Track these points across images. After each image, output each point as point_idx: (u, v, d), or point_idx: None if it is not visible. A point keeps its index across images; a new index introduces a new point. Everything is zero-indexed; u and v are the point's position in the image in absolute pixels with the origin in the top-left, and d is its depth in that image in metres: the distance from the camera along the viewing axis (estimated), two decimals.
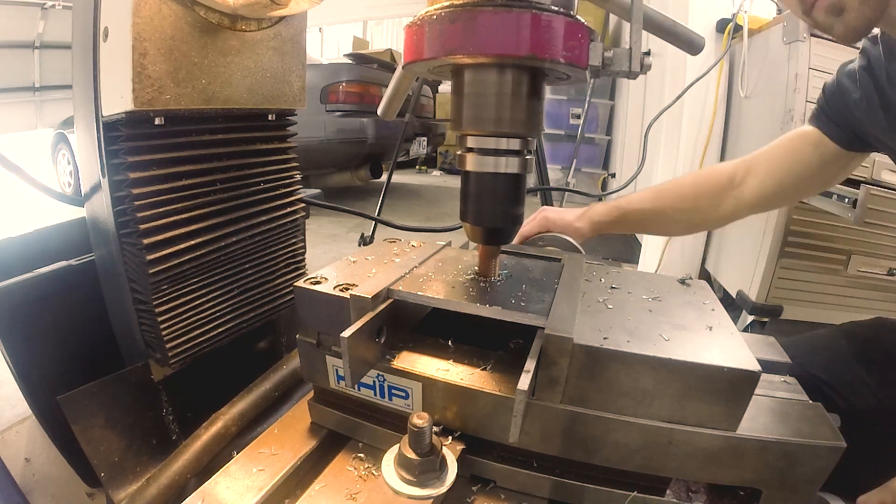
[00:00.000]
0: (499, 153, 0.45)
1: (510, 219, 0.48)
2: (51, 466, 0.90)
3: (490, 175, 0.46)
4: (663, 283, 0.53)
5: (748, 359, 0.38)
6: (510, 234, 0.49)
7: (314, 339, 0.50)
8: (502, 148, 0.45)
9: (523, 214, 0.49)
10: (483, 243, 0.50)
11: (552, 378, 0.40)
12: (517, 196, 0.47)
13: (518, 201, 0.48)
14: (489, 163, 0.45)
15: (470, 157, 0.46)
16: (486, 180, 0.46)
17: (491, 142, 0.45)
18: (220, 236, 0.69)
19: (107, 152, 0.60)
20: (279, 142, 0.77)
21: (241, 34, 0.64)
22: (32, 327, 0.73)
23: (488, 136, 0.45)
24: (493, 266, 0.52)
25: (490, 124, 0.44)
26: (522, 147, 0.46)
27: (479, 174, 0.46)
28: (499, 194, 0.46)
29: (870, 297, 1.69)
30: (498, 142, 0.45)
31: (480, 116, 0.44)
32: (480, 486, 0.47)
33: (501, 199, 0.47)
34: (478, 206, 0.48)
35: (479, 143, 0.45)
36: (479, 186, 0.47)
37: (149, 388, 0.71)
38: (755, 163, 0.88)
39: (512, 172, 0.46)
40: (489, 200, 0.47)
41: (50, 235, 0.85)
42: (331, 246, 3.03)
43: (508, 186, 0.46)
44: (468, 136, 0.46)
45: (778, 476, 0.40)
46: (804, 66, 1.53)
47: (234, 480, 0.46)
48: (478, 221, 0.48)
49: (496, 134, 0.45)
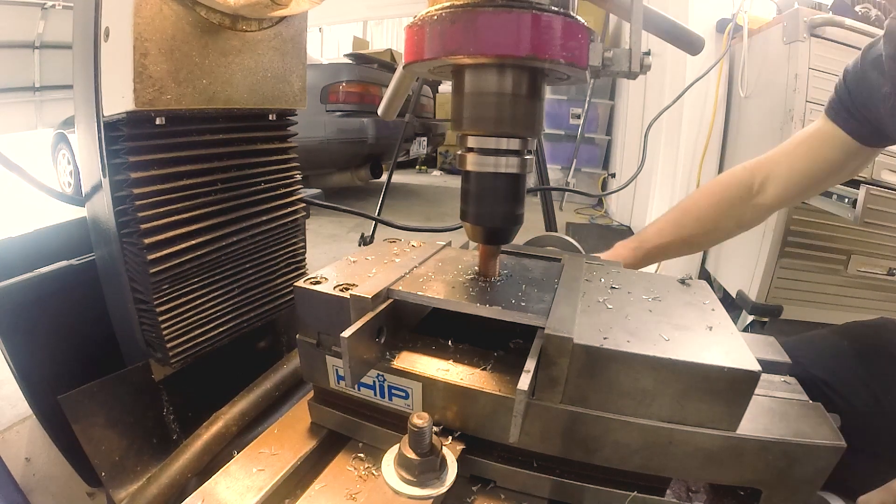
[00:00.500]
0: (499, 153, 0.45)
1: (510, 219, 0.48)
2: (51, 466, 0.91)
3: (490, 175, 0.46)
4: (663, 283, 0.53)
5: (748, 359, 0.38)
6: (510, 234, 0.49)
7: (314, 339, 0.50)
8: (502, 148, 0.45)
9: (523, 214, 0.49)
10: (483, 243, 0.50)
11: (552, 378, 0.40)
12: (517, 196, 0.48)
13: (518, 201, 0.48)
14: (489, 163, 0.46)
15: (470, 157, 0.46)
16: (486, 180, 0.46)
17: (491, 142, 0.45)
18: (221, 236, 0.69)
19: (108, 152, 0.60)
20: (280, 142, 0.77)
21: (241, 34, 0.64)
22: (33, 327, 0.74)
23: (488, 137, 0.45)
24: (493, 266, 0.52)
25: (490, 124, 0.45)
26: (522, 147, 0.46)
27: (480, 174, 0.46)
28: (499, 194, 0.47)
29: (870, 297, 1.69)
30: (498, 142, 0.45)
31: (480, 116, 0.45)
32: (480, 486, 0.47)
33: (502, 199, 0.47)
34: (478, 206, 0.48)
35: (479, 143, 0.46)
36: (479, 186, 0.47)
37: (149, 387, 0.71)
38: (773, 167, 0.84)
39: (512, 172, 0.46)
40: (489, 200, 0.47)
41: (50, 235, 0.85)
42: (331, 246, 3.03)
43: (509, 186, 0.47)
44: (468, 136, 0.46)
45: (778, 476, 0.40)
46: (804, 66, 1.54)
47: (235, 480, 0.46)
48: (478, 221, 0.48)
49: (496, 134, 0.45)
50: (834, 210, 1.39)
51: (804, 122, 1.54)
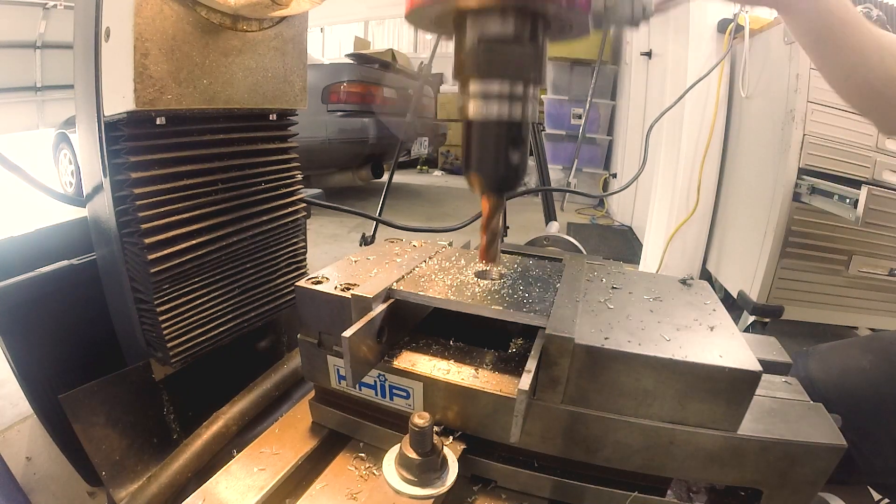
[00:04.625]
0: (501, 98, 0.44)
1: (513, 167, 0.46)
2: (52, 465, 0.91)
3: (492, 121, 0.45)
4: (664, 283, 0.53)
5: (749, 359, 0.38)
6: (514, 182, 0.48)
7: (315, 339, 0.50)
8: (505, 93, 0.44)
9: (527, 163, 0.48)
10: (486, 192, 0.49)
11: (553, 378, 0.40)
12: (519, 143, 0.46)
13: (519, 148, 0.46)
14: (491, 109, 0.44)
15: (471, 104, 0.45)
16: (487, 127, 0.45)
17: (494, 87, 0.44)
18: (222, 236, 0.69)
19: (108, 152, 0.60)
20: (280, 142, 0.77)
21: (242, 34, 0.64)
22: (34, 326, 0.74)
23: (490, 81, 0.44)
24: (496, 223, 0.50)
25: (492, 68, 0.43)
26: (524, 93, 0.44)
27: (480, 121, 0.45)
28: (501, 141, 0.45)
29: (871, 298, 1.69)
30: (502, 87, 0.44)
31: (481, 61, 0.43)
32: (481, 485, 0.47)
33: (504, 146, 0.45)
34: (479, 154, 0.46)
35: (480, 87, 0.44)
36: (480, 134, 0.46)
37: (150, 387, 0.71)
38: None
39: (514, 119, 0.45)
40: (491, 147, 0.46)
41: (51, 235, 0.86)
42: (332, 246, 3.03)
43: (510, 133, 0.45)
44: (469, 83, 0.45)
45: (779, 476, 0.40)
46: (805, 66, 1.53)
47: (235, 480, 0.46)
48: (481, 168, 0.47)
49: (498, 78, 0.44)
50: (835, 210, 1.39)
51: (805, 123, 1.54)
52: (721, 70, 1.97)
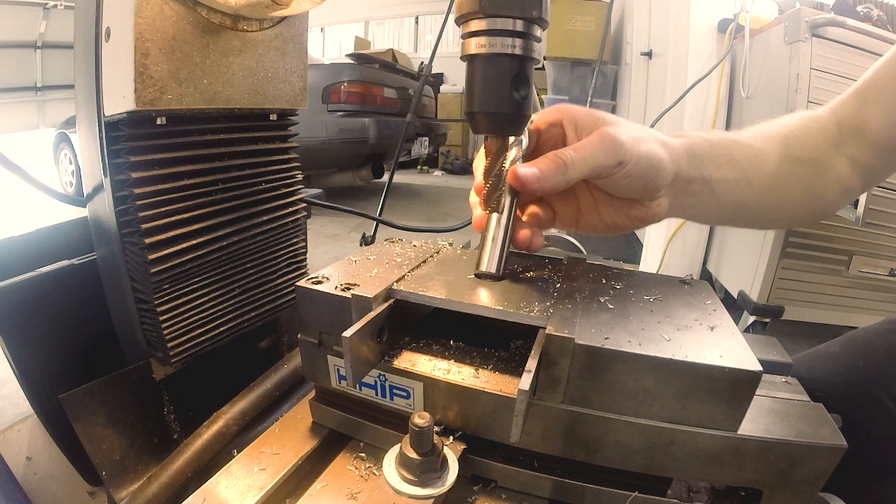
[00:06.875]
0: (504, 34, 0.44)
1: (516, 104, 0.46)
2: (52, 465, 0.91)
3: (495, 56, 0.44)
4: (665, 283, 0.53)
5: (749, 359, 0.38)
6: (518, 122, 0.47)
7: (315, 339, 0.50)
8: (508, 28, 0.43)
9: (530, 103, 0.47)
10: (489, 132, 0.48)
11: (553, 378, 0.40)
12: (523, 80, 0.45)
13: (523, 85, 0.46)
14: (494, 43, 0.44)
15: (473, 41, 0.45)
16: (490, 63, 0.45)
17: (497, 22, 0.43)
18: (222, 236, 0.69)
19: (109, 152, 0.60)
20: (281, 142, 0.77)
21: (242, 34, 0.64)
22: (34, 326, 0.74)
23: (491, 17, 0.43)
24: (500, 166, 0.49)
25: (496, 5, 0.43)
26: (526, 29, 0.44)
27: (483, 57, 0.45)
28: (503, 77, 0.45)
29: (871, 298, 1.69)
30: (504, 22, 0.43)
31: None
32: (481, 485, 0.47)
33: (507, 81, 0.45)
34: (482, 91, 0.46)
35: (480, 24, 0.44)
36: (483, 70, 0.45)
37: (150, 386, 0.71)
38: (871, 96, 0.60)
39: (517, 54, 0.44)
40: (494, 83, 0.45)
41: (51, 235, 0.86)
42: (332, 246, 3.03)
43: (513, 68, 0.45)
44: (471, 20, 0.44)
45: (779, 476, 0.40)
46: (806, 66, 1.53)
47: (236, 479, 0.46)
48: (483, 107, 0.46)
49: (500, 15, 0.43)
50: None
51: None
52: (721, 70, 1.97)
